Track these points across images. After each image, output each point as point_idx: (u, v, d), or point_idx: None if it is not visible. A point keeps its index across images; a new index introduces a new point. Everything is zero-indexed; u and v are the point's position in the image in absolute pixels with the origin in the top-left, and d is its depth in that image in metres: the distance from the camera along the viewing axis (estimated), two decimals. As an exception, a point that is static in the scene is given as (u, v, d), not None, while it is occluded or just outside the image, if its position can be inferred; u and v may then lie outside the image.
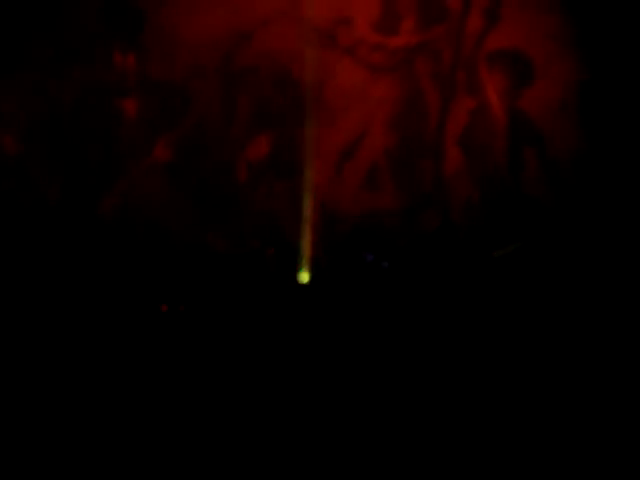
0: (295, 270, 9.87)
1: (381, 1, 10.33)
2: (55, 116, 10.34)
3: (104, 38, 10.37)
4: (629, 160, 9.85)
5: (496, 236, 9.98)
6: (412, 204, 10.36)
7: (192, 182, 10.40)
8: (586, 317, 8.93)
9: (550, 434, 7.58)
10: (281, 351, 8.63)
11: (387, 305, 9.30)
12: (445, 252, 9.83)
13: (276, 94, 10.45)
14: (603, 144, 9.93)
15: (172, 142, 10.44)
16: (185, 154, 10.45)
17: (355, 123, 10.37)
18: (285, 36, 10.34)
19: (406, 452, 7.59)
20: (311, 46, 10.29)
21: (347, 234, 10.18)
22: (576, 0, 9.94)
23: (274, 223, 10.37)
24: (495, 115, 10.26)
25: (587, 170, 9.94)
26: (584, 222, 9.78)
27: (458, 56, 10.28)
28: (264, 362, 8.48)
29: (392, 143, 10.46)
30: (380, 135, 10.46)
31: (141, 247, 9.99)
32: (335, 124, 10.32)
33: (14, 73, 10.26)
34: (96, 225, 10.13)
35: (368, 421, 7.83)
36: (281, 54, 10.35)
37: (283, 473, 7.41)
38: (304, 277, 9.80)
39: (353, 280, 9.65)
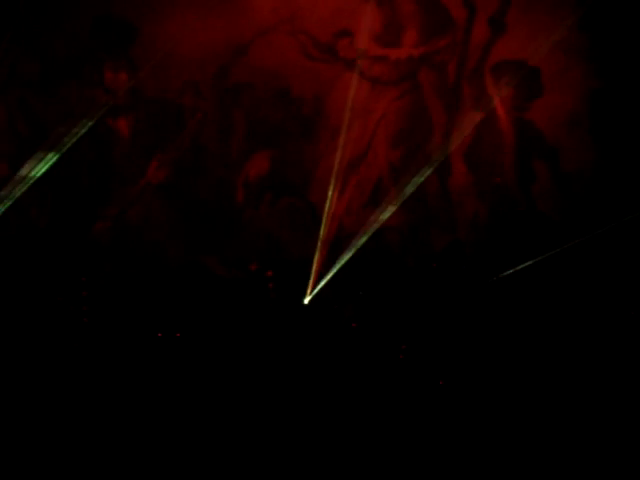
0: (295, 292, 9.63)
1: (382, 12, 10.11)
2: (42, 136, 10.05)
3: (94, 54, 10.10)
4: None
5: (505, 253, 9.77)
6: (418, 222, 10.14)
7: (188, 203, 10.14)
8: (593, 331, 8.82)
9: (550, 434, 7.50)
10: (280, 373, 8.47)
11: (391, 323, 9.14)
12: (452, 272, 9.66)
13: (275, 110, 10.22)
14: (616, 156, 9.73)
15: (167, 162, 10.17)
16: (180, 174, 10.19)
17: (358, 138, 10.14)
18: (283, 50, 10.12)
19: (404, 451, 7.57)
20: (311, 60, 10.09)
21: (352, 253, 9.95)
22: (586, 10, 9.75)
23: (274, 244, 10.13)
24: (503, 128, 10.04)
25: (600, 184, 9.74)
26: (596, 237, 9.58)
27: (463, 68, 10.09)
28: (263, 384, 8.33)
29: (396, 158, 10.22)
30: (384, 149, 10.22)
31: (137, 271, 9.71)
32: (337, 140, 10.10)
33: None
34: (89, 250, 9.85)
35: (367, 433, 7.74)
36: (279, 69, 10.12)
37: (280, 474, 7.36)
38: (304, 299, 9.57)
39: (356, 301, 9.49)
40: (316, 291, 9.52)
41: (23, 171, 9.91)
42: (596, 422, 7.73)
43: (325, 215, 9.93)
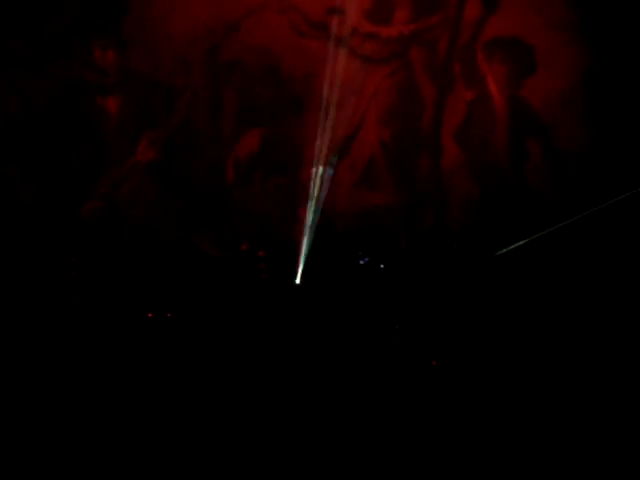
0: (287, 272, 9.58)
1: (373, -11, 10.04)
2: (31, 115, 9.97)
3: (83, 32, 9.99)
4: (635, 150, 9.59)
5: (497, 233, 9.70)
6: (409, 201, 10.05)
7: (178, 182, 10.05)
8: (587, 312, 8.77)
9: (549, 433, 7.40)
10: (272, 352, 8.41)
11: (384, 304, 9.10)
12: (442, 251, 9.61)
13: (265, 88, 10.12)
14: (610, 134, 9.63)
15: (156, 141, 10.08)
16: (170, 153, 10.10)
17: (349, 117, 10.03)
18: (273, 28, 10.00)
19: (397, 432, 7.42)
20: (302, 37, 9.99)
21: (343, 233, 9.89)
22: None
23: (265, 223, 10.05)
24: (495, 106, 9.91)
25: (593, 162, 9.65)
26: (587, 215, 9.51)
27: (454, 45, 9.94)
28: (255, 365, 8.24)
29: (388, 136, 10.11)
30: (375, 128, 10.11)
31: (126, 251, 9.65)
32: (328, 118, 9.98)
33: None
34: (79, 229, 9.78)
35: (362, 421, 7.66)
36: (269, 46, 10.01)
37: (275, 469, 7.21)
38: (296, 279, 9.52)
39: (348, 281, 9.44)
40: (307, 271, 9.48)
41: (11, 149, 9.88)
42: (592, 406, 7.62)
43: (316, 194, 9.87)
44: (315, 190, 9.80)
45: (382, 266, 9.58)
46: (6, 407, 7.49)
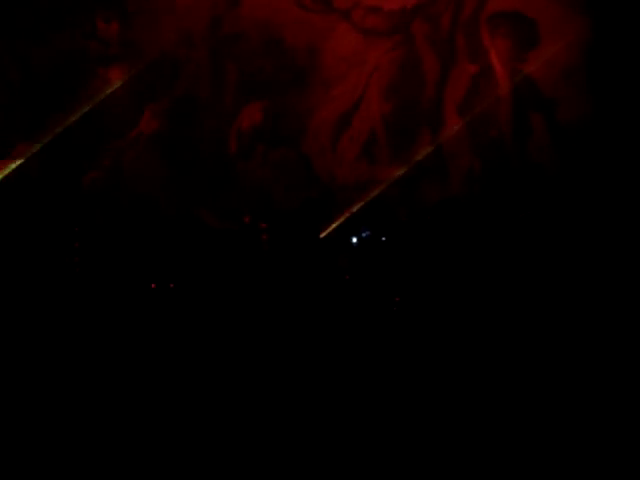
0: (288, 245, 9.58)
1: (376, -38, 10.00)
2: (33, 85, 9.96)
3: (86, 3, 9.97)
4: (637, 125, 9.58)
5: (499, 207, 9.69)
6: (411, 175, 10.04)
7: (181, 154, 10.05)
8: (589, 288, 8.67)
9: (549, 432, 7.40)
10: (272, 330, 8.35)
11: (385, 282, 9.09)
12: (445, 225, 9.60)
13: (267, 61, 10.11)
14: (611, 108, 9.62)
15: (159, 112, 10.07)
16: (173, 125, 10.09)
17: (351, 90, 10.03)
18: (276, 1, 9.98)
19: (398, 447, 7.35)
20: (304, 10, 9.96)
21: (344, 207, 9.89)
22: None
23: (267, 195, 10.06)
24: (498, 80, 9.91)
25: (597, 136, 9.64)
26: (591, 190, 9.49)
27: (458, 19, 9.94)
28: (255, 341, 8.16)
29: (389, 110, 10.11)
30: (377, 102, 10.10)
31: (129, 222, 9.65)
32: (330, 91, 10.00)
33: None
34: (81, 199, 9.78)
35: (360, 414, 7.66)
36: (272, 19, 9.98)
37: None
38: (298, 253, 9.52)
39: (349, 255, 9.44)
40: (308, 244, 9.48)
41: (14, 118, 9.88)
42: (592, 406, 7.58)
43: (317, 167, 9.88)
44: (317, 163, 9.84)
45: (383, 239, 9.58)
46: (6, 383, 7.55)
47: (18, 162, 9.79)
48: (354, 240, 9.56)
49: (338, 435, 6.88)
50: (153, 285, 9.12)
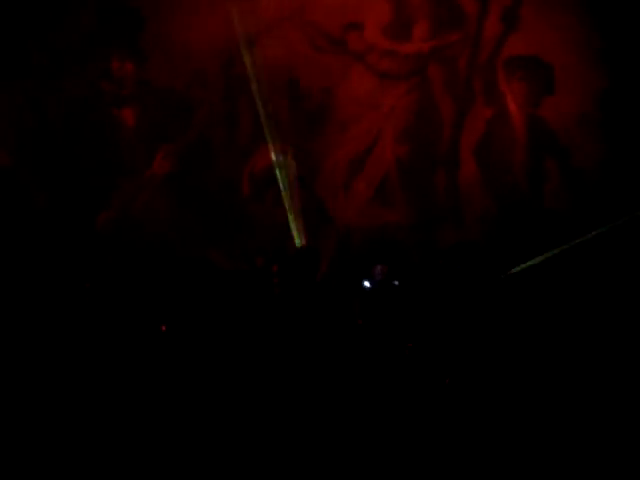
0: (300, 288, 9.51)
1: (392, 5, 9.97)
2: (47, 126, 9.99)
3: (101, 44, 10.01)
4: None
5: (515, 251, 9.62)
6: (425, 218, 10.00)
7: (194, 195, 10.05)
8: (602, 329, 8.51)
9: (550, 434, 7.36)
10: (284, 368, 8.29)
11: (399, 322, 9.02)
12: (459, 269, 9.52)
13: (282, 103, 10.09)
14: (627, 155, 9.56)
15: (172, 153, 10.07)
16: (187, 166, 10.10)
17: (365, 132, 10.00)
18: (291, 42, 9.99)
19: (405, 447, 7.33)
20: (319, 52, 9.96)
21: (357, 249, 9.84)
22: (600, 8, 9.57)
23: (280, 238, 10.01)
24: (514, 124, 9.87)
25: (611, 182, 9.57)
26: (607, 235, 9.41)
27: (474, 63, 9.91)
28: (266, 379, 8.09)
29: (404, 153, 10.07)
30: (391, 145, 10.07)
31: (141, 263, 9.62)
32: (344, 134, 9.97)
33: (5, 82, 9.92)
34: (94, 241, 9.76)
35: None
36: (287, 60, 9.98)
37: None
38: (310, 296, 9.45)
39: (362, 299, 9.37)
40: (321, 286, 9.41)
41: (27, 160, 9.89)
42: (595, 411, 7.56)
43: (331, 209, 9.84)
44: (329, 206, 9.80)
45: (396, 282, 9.51)
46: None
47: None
48: (366, 284, 9.50)
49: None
50: (163, 327, 9.07)
